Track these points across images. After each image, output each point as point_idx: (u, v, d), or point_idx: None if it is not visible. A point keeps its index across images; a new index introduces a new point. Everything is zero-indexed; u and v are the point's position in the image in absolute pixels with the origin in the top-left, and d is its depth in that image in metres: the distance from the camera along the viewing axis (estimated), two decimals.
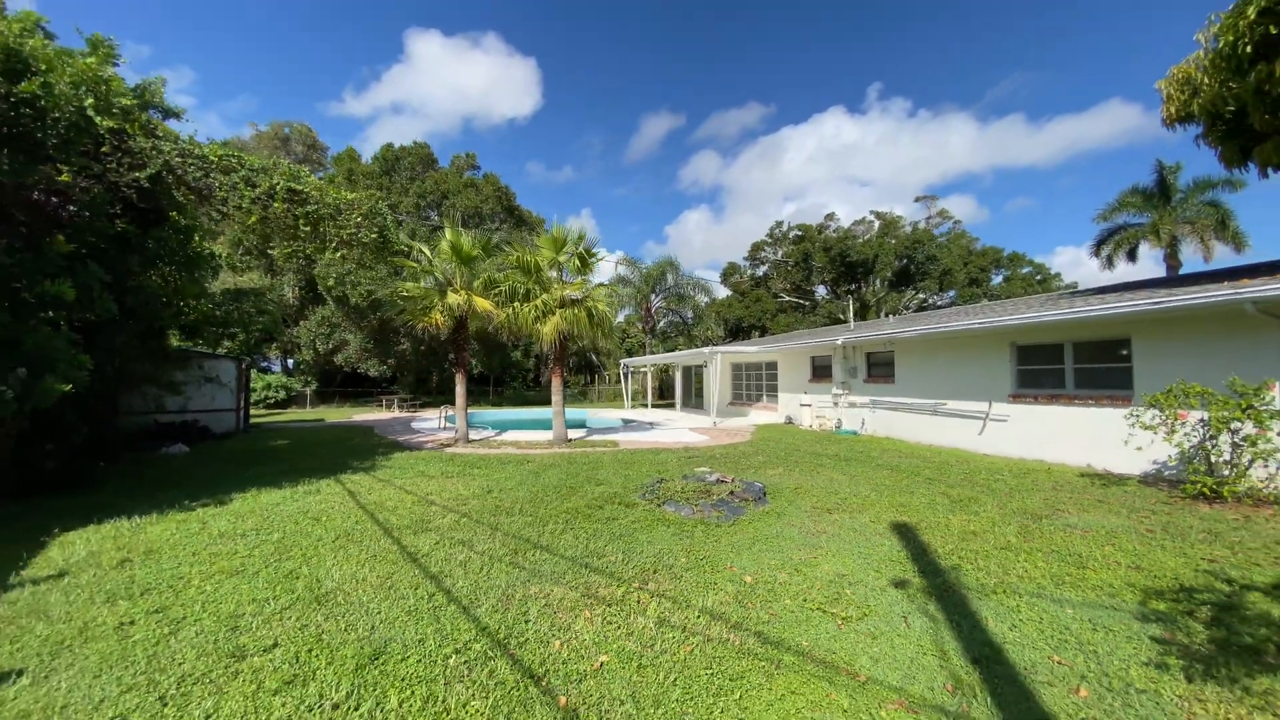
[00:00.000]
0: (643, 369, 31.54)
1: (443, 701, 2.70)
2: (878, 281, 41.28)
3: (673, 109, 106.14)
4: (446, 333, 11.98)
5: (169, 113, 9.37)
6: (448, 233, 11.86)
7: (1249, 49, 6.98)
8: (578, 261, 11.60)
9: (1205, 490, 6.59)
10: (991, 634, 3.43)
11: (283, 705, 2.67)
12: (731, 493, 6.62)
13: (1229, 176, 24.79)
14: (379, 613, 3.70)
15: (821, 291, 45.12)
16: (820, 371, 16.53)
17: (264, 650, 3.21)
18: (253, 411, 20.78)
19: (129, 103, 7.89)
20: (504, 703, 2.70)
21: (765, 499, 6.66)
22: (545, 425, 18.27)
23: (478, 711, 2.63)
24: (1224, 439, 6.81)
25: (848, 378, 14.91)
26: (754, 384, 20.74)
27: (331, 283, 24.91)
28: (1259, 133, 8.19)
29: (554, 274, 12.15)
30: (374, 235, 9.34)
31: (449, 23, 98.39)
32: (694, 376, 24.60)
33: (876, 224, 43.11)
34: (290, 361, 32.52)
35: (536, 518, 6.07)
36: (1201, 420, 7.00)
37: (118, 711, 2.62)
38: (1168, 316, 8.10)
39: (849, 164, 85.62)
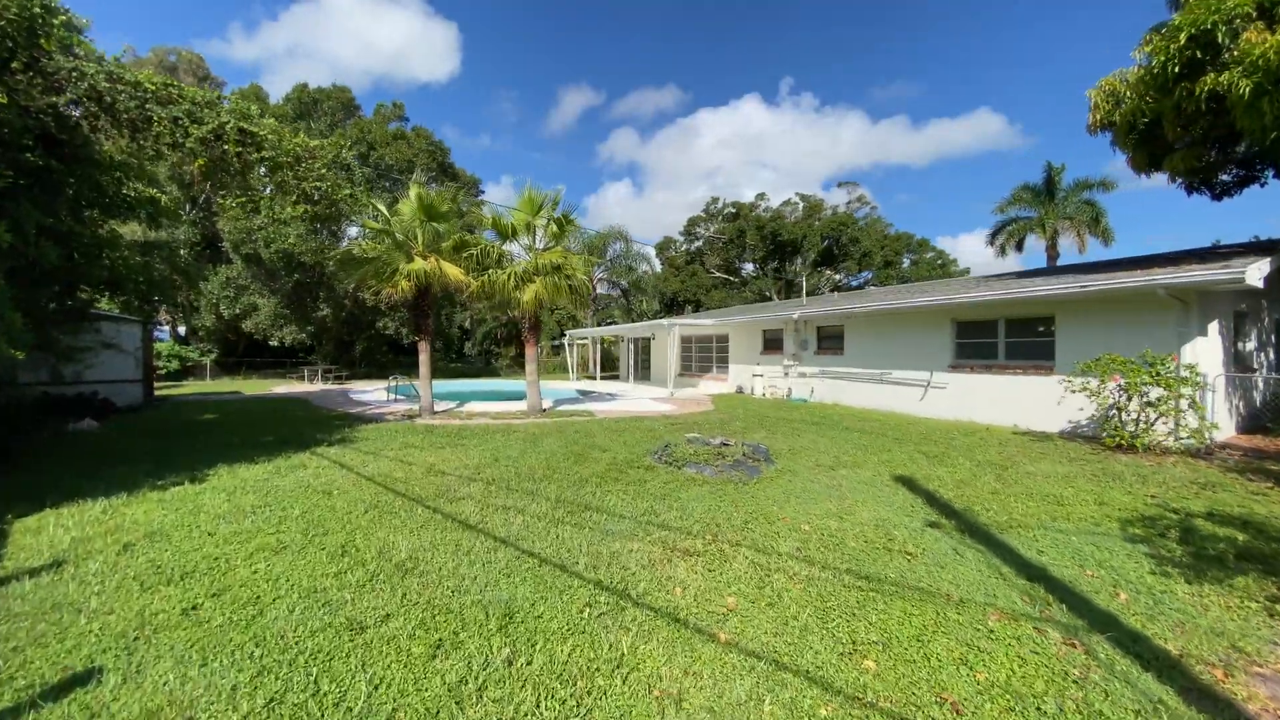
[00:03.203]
0: (583, 340, 31.33)
1: (611, 648, 2.78)
2: (799, 261, 43.62)
3: (593, 85, 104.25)
4: (409, 299, 11.23)
5: (70, 26, 7.85)
6: (412, 189, 11.00)
7: (1176, 69, 8.16)
8: (555, 227, 11.29)
9: (1123, 443, 7.92)
10: (1028, 559, 4.03)
11: (451, 668, 2.62)
12: (744, 454, 6.98)
13: (1103, 178, 28.74)
14: (477, 578, 3.63)
15: (748, 269, 46.90)
16: (771, 344, 17.44)
17: (381, 621, 3.07)
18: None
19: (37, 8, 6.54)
20: (668, 645, 2.82)
21: (772, 459, 7.11)
22: (501, 396, 17.83)
23: (650, 654, 2.74)
24: (1135, 401, 8.18)
25: (799, 350, 15.87)
26: (704, 356, 21.44)
27: (240, 238, 22.15)
28: (1168, 144, 9.64)
29: (526, 240, 11.75)
30: (345, 191, 8.52)
31: None
32: (640, 348, 24.92)
33: (801, 205, 45.30)
34: (182, 329, 28.78)
35: (567, 483, 6.08)
36: (1118, 385, 8.33)
37: (268, 696, 2.44)
38: (1089, 298, 9.43)
39: (757, 150, 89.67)
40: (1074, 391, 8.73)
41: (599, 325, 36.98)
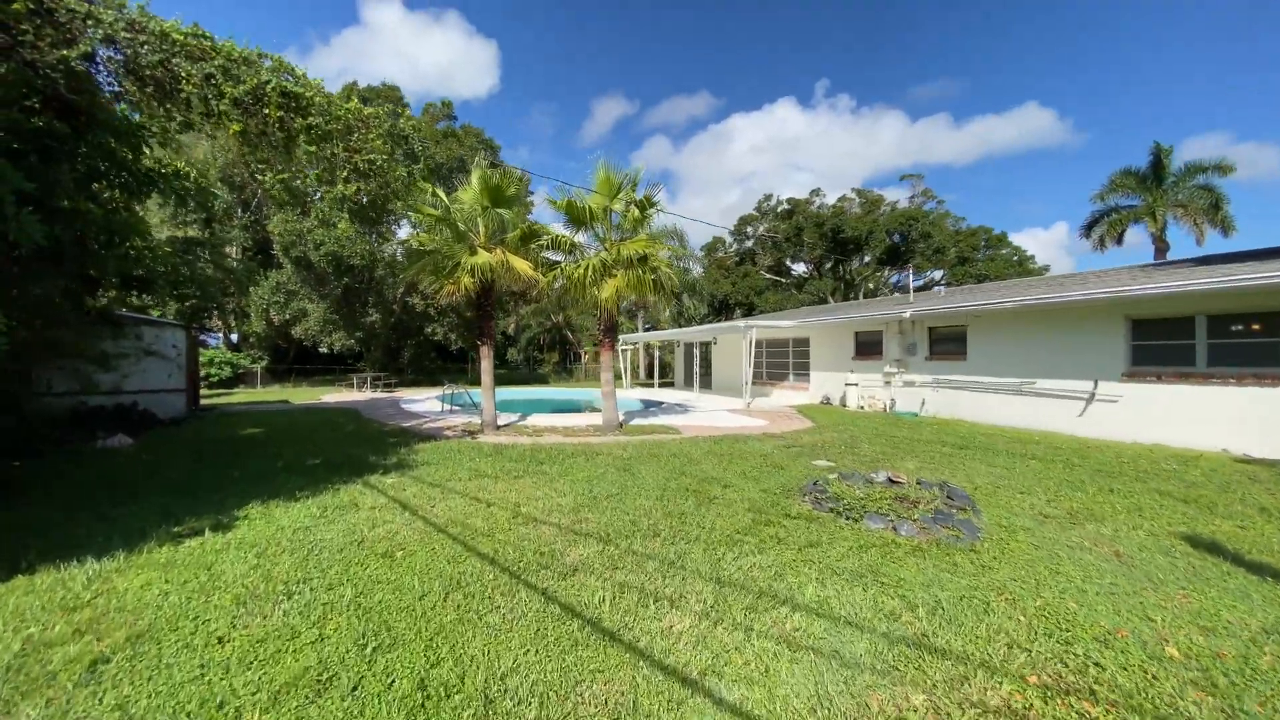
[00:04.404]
0: (632, 345, 29.74)
1: None
2: (856, 260, 40.85)
3: (627, 95, 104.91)
4: (471, 297, 9.79)
5: None
6: (474, 172, 9.59)
7: None
8: (636, 211, 9.66)
9: None
10: None
11: None
12: (939, 501, 5.09)
13: (1220, 161, 25.26)
14: None
15: (800, 269, 44.35)
16: (865, 349, 15.32)
17: None
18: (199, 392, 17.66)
19: None
20: None
21: (978, 508, 5.18)
22: (560, 406, 16.42)
23: None
24: None
25: (904, 355, 13.73)
26: (778, 362, 19.42)
27: (290, 240, 21.53)
28: None
29: (601, 228, 10.17)
30: (403, 171, 7.14)
31: None
32: (702, 353, 23.05)
33: (858, 202, 42.58)
34: (234, 335, 28.68)
35: (713, 543, 4.33)
36: None
37: None
38: None
39: (792, 153, 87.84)
40: None
41: (644, 329, 35.35)
